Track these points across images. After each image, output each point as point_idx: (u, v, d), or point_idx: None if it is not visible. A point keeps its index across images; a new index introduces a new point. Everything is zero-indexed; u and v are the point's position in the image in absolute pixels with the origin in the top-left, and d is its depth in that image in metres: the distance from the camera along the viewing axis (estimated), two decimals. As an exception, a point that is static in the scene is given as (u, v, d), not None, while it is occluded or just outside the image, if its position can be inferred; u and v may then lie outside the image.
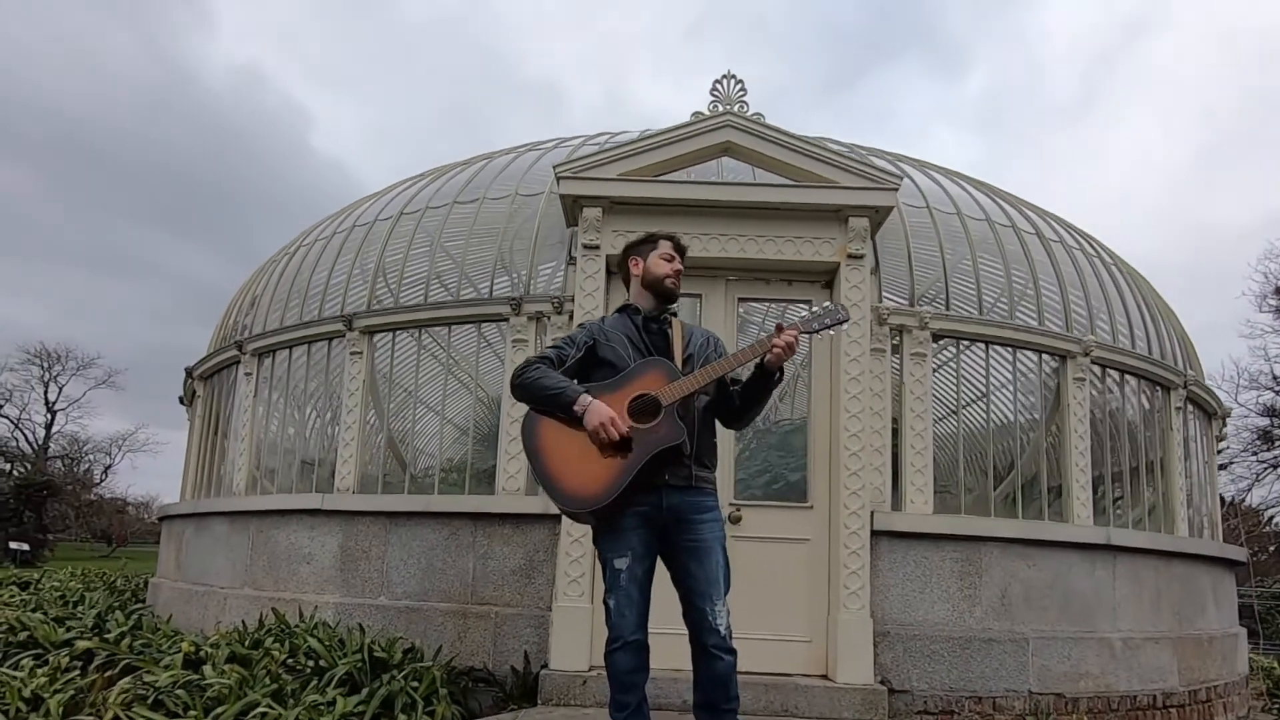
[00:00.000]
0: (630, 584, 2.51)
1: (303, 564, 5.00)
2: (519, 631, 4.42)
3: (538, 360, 2.66)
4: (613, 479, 2.45)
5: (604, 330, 2.75)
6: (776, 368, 2.56)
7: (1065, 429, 5.13)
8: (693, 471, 2.58)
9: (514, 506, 4.59)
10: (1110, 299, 5.75)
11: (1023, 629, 4.56)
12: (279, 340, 5.85)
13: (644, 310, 2.78)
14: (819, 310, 2.69)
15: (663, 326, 2.77)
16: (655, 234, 2.87)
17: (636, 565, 2.52)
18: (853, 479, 4.44)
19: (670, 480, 2.55)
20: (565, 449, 2.53)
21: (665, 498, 2.55)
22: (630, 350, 2.68)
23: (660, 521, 2.56)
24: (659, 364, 2.61)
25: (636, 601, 2.52)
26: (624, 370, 2.61)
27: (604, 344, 2.71)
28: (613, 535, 2.55)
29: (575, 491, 2.49)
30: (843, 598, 4.30)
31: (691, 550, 2.55)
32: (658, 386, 2.53)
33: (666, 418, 2.50)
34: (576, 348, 2.71)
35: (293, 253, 6.59)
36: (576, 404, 2.50)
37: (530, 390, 2.59)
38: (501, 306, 5.02)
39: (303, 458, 5.66)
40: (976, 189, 6.05)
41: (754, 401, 2.67)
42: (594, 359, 2.70)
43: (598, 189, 4.75)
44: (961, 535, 4.58)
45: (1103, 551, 4.89)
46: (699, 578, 2.54)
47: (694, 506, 2.58)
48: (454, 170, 6.39)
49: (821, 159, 4.80)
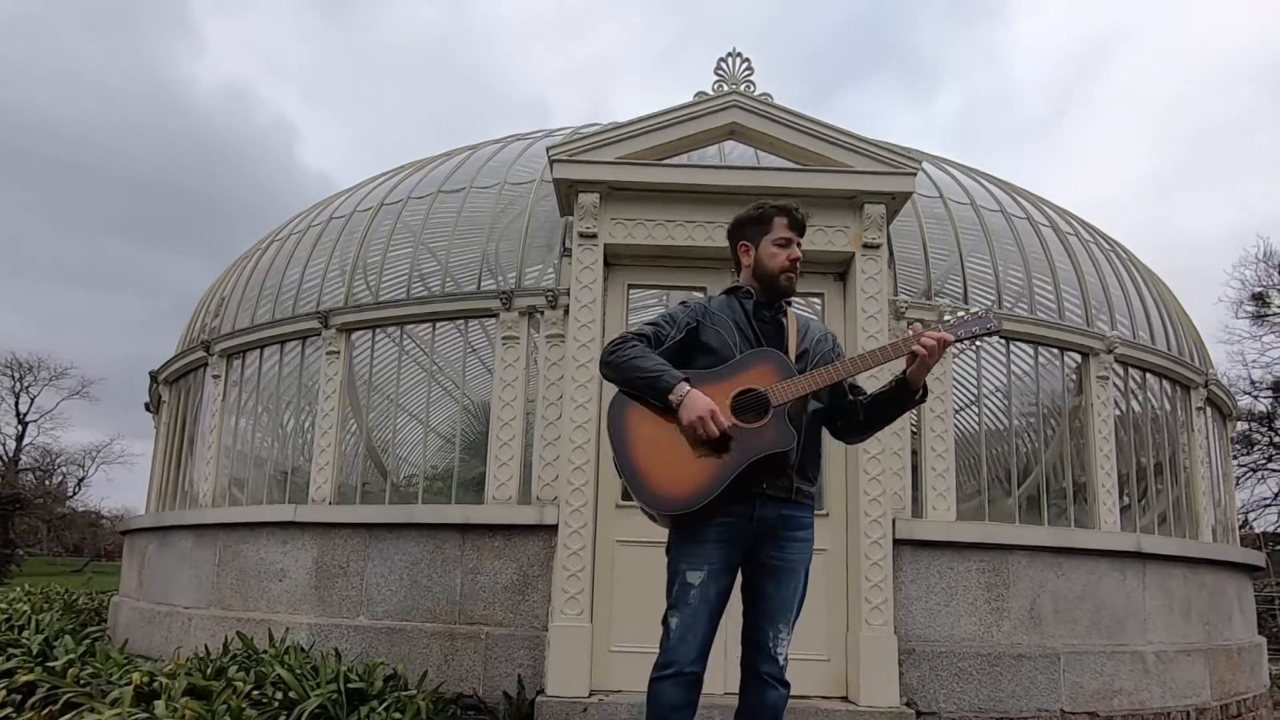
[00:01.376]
0: (701, 604, 2.16)
1: (274, 581, 4.59)
2: (512, 654, 4.04)
3: (635, 337, 2.30)
4: (705, 482, 2.12)
5: (709, 312, 2.39)
6: (920, 381, 2.23)
7: (1089, 430, 4.85)
8: (794, 483, 2.25)
9: (505, 517, 4.23)
10: (1129, 295, 5.50)
11: (1053, 643, 4.26)
12: (249, 340, 5.45)
13: (756, 295, 2.42)
14: (966, 316, 2.31)
15: (776, 315, 2.42)
16: (767, 208, 2.43)
17: (712, 583, 2.18)
18: (873, 484, 4.12)
19: (768, 490, 2.21)
20: (655, 441, 2.19)
21: (759, 509, 2.21)
22: (738, 338, 2.33)
23: (748, 535, 2.22)
24: (771, 356, 2.27)
25: (704, 625, 2.17)
26: (730, 359, 2.28)
27: (708, 327, 2.35)
28: (691, 544, 2.21)
29: (661, 491, 2.15)
30: (864, 612, 3.97)
31: (774, 570, 2.24)
32: (768, 382, 2.20)
33: (775, 419, 2.17)
34: (677, 328, 2.35)
35: (265, 249, 6.19)
36: (674, 391, 2.15)
37: (623, 370, 2.23)
38: (490, 301, 4.66)
39: (275, 467, 5.25)
40: (989, 182, 5.79)
41: (883, 418, 2.35)
42: (695, 343, 2.35)
43: (595, 173, 4.42)
44: (988, 544, 4.28)
45: (1132, 559, 4.61)
46: (773, 599, 2.22)
47: (789, 522, 2.25)
48: (437, 161, 6.03)
49: (835, 142, 4.50)
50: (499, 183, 5.30)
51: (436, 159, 6.07)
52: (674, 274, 4.68)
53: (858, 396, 2.37)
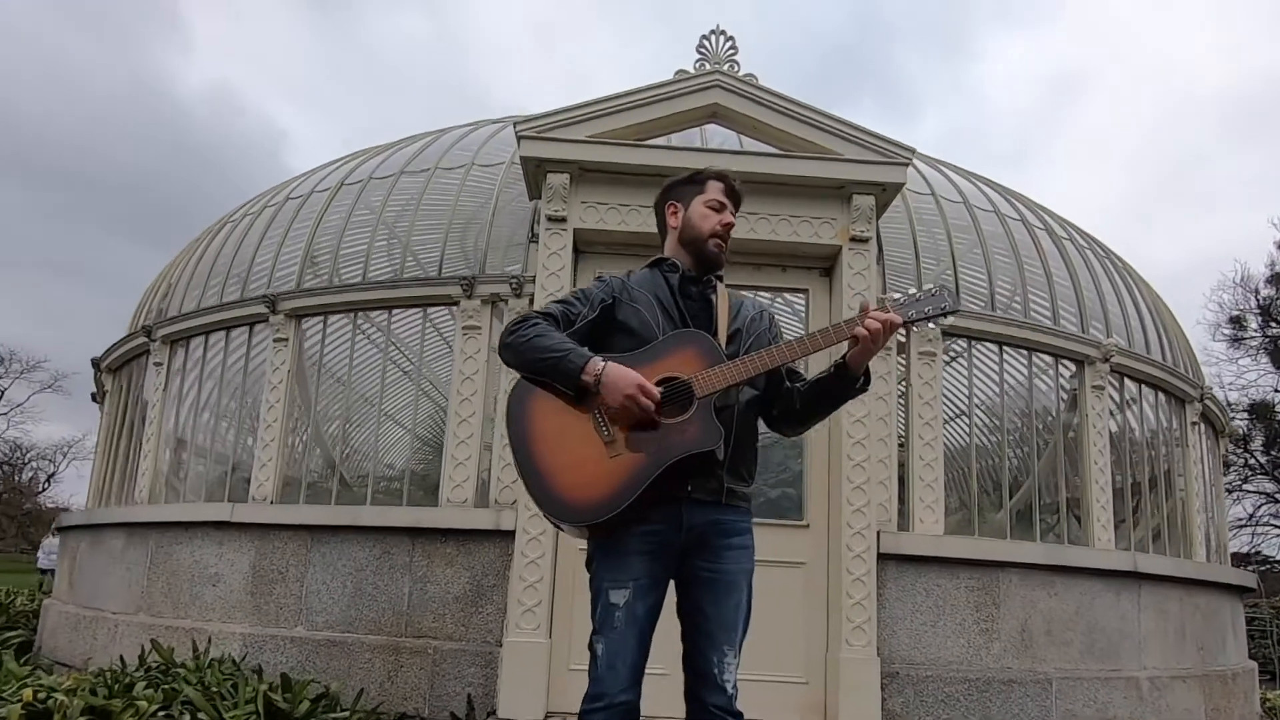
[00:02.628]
0: (628, 626, 1.84)
1: (208, 586, 4.22)
2: (461, 671, 3.70)
3: (538, 315, 1.96)
4: (621, 484, 1.80)
5: (628, 287, 2.04)
6: (861, 367, 1.92)
7: (1084, 442, 4.60)
8: (725, 484, 1.93)
9: (458, 521, 3.89)
10: (1125, 304, 5.27)
11: (1045, 668, 3.98)
12: (193, 325, 5.07)
13: (683, 268, 2.08)
14: (919, 294, 1.98)
15: (705, 291, 2.07)
16: (704, 172, 2.14)
17: (638, 602, 1.85)
18: (857, 494, 3.83)
19: (695, 493, 1.89)
20: (562, 437, 1.86)
21: (687, 515, 1.89)
22: (661, 317, 1.99)
23: (677, 545, 1.90)
24: (697, 339, 1.94)
25: (633, 650, 1.84)
26: (650, 342, 1.94)
27: (626, 304, 2.00)
28: (612, 559, 1.88)
29: (568, 497, 1.82)
30: (845, 632, 3.68)
31: (709, 583, 1.90)
32: (692, 369, 1.87)
33: (700, 413, 1.84)
34: (590, 306, 1.99)
35: (217, 231, 5.82)
36: (587, 370, 1.82)
37: (523, 352, 1.89)
38: (451, 287, 4.33)
39: (218, 462, 4.88)
40: (983, 183, 5.55)
41: (821, 408, 2.02)
42: (612, 323, 2.01)
43: (565, 151, 4.11)
44: (978, 560, 4.00)
45: (1128, 579, 4.35)
46: (712, 618, 1.89)
47: (723, 529, 1.92)
48: (404, 143, 5.69)
49: (824, 128, 4.23)
50: (466, 164, 4.98)
51: (403, 141, 5.74)
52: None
53: (795, 383, 2.05)
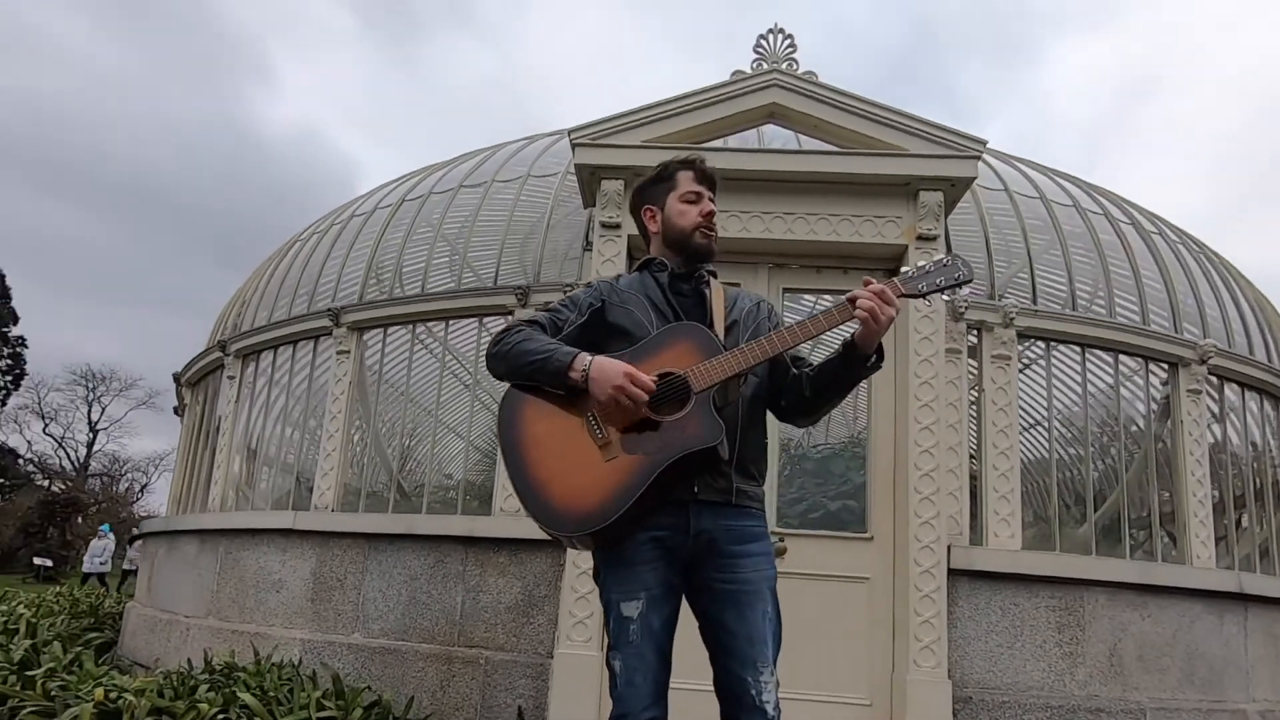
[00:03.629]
0: (644, 639, 1.74)
1: (271, 592, 4.30)
2: (513, 682, 3.65)
3: (524, 323, 1.92)
4: (617, 490, 1.69)
5: (616, 290, 1.99)
6: (871, 345, 1.77)
7: (1179, 451, 4.25)
8: (733, 483, 1.81)
9: (510, 530, 3.85)
10: (1223, 302, 4.87)
11: (1137, 696, 3.67)
12: (263, 340, 5.24)
13: (671, 266, 2.00)
14: (928, 265, 1.84)
15: (697, 286, 1.98)
16: (669, 165, 2.05)
17: (653, 613, 1.75)
18: (924, 505, 3.62)
19: (701, 495, 1.78)
20: (553, 442, 1.78)
21: (694, 519, 1.78)
22: (653, 316, 1.92)
23: (686, 551, 1.79)
24: (691, 332, 1.84)
25: (652, 665, 1.74)
26: (643, 339, 1.86)
27: (616, 306, 1.94)
28: (619, 570, 1.79)
29: (561, 505, 1.73)
30: (913, 652, 3.46)
31: (729, 596, 1.77)
32: (688, 363, 1.78)
33: (698, 408, 1.74)
34: (578, 310, 1.94)
35: (288, 249, 6.02)
36: (574, 366, 1.76)
37: (511, 360, 1.84)
38: (506, 297, 4.33)
39: (284, 471, 5.00)
40: (1060, 177, 5.25)
41: (833, 392, 1.88)
42: (602, 326, 1.94)
43: (619, 158, 4.06)
44: (1060, 578, 3.72)
45: (1231, 601, 3.98)
46: (738, 634, 1.76)
47: (734, 534, 1.80)
48: (462, 159, 5.78)
49: (888, 123, 4.06)
50: (522, 176, 5.00)
51: (461, 157, 5.82)
52: (704, 269, 4.27)
53: (803, 370, 1.92)
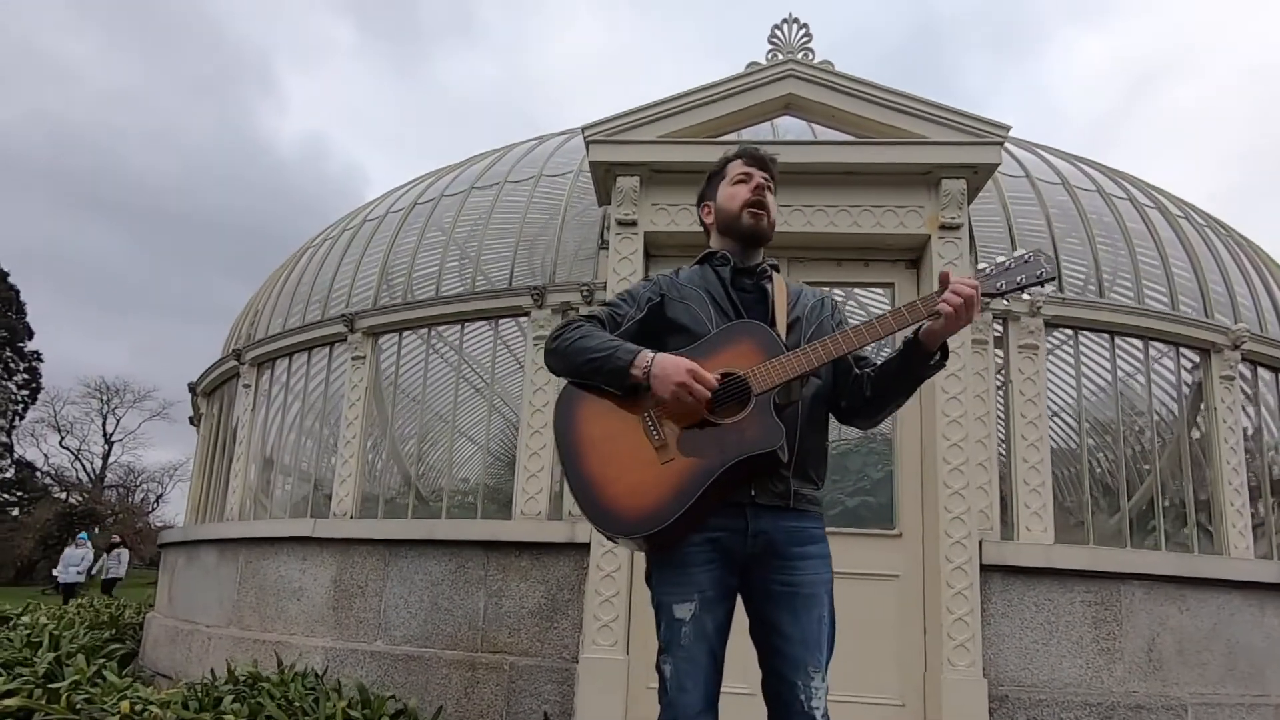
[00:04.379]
0: (696, 642, 1.68)
1: (292, 600, 4.27)
2: (538, 688, 3.59)
3: (583, 319, 1.86)
4: (674, 492, 1.64)
5: (676, 284, 1.91)
6: (939, 341, 1.70)
7: (1214, 439, 4.15)
8: (791, 487, 1.75)
9: (533, 534, 3.80)
10: (1254, 285, 4.76)
11: (1178, 692, 3.57)
12: (277, 347, 5.21)
13: (733, 259, 1.94)
14: (1007, 261, 1.74)
15: (759, 281, 1.92)
16: (722, 158, 2.02)
17: (706, 616, 1.69)
18: (955, 500, 3.54)
19: (759, 498, 1.72)
20: (612, 442, 1.72)
21: (752, 521, 1.72)
22: (713, 311, 1.85)
23: (743, 555, 1.73)
24: (753, 330, 1.78)
25: (704, 669, 1.68)
26: (702, 337, 1.80)
27: (675, 301, 1.88)
28: (673, 571, 1.73)
29: (617, 507, 1.67)
30: (946, 651, 3.38)
31: (785, 598, 1.72)
32: (749, 363, 1.72)
33: (757, 411, 1.68)
34: (637, 305, 1.87)
35: (299, 257, 6.00)
36: (635, 364, 1.69)
37: (570, 356, 1.78)
38: (522, 298, 4.28)
39: (301, 479, 4.97)
40: (1082, 162, 5.15)
41: (896, 391, 1.81)
42: (662, 321, 1.88)
43: (634, 154, 4.00)
44: (1095, 572, 3.63)
45: (1272, 592, 3.88)
46: (792, 637, 1.70)
47: (793, 536, 1.74)
48: (472, 161, 5.74)
49: (908, 110, 3.98)
50: (534, 176, 4.95)
51: (471, 159, 5.78)
52: (722, 265, 4.21)
53: (864, 370, 1.85)
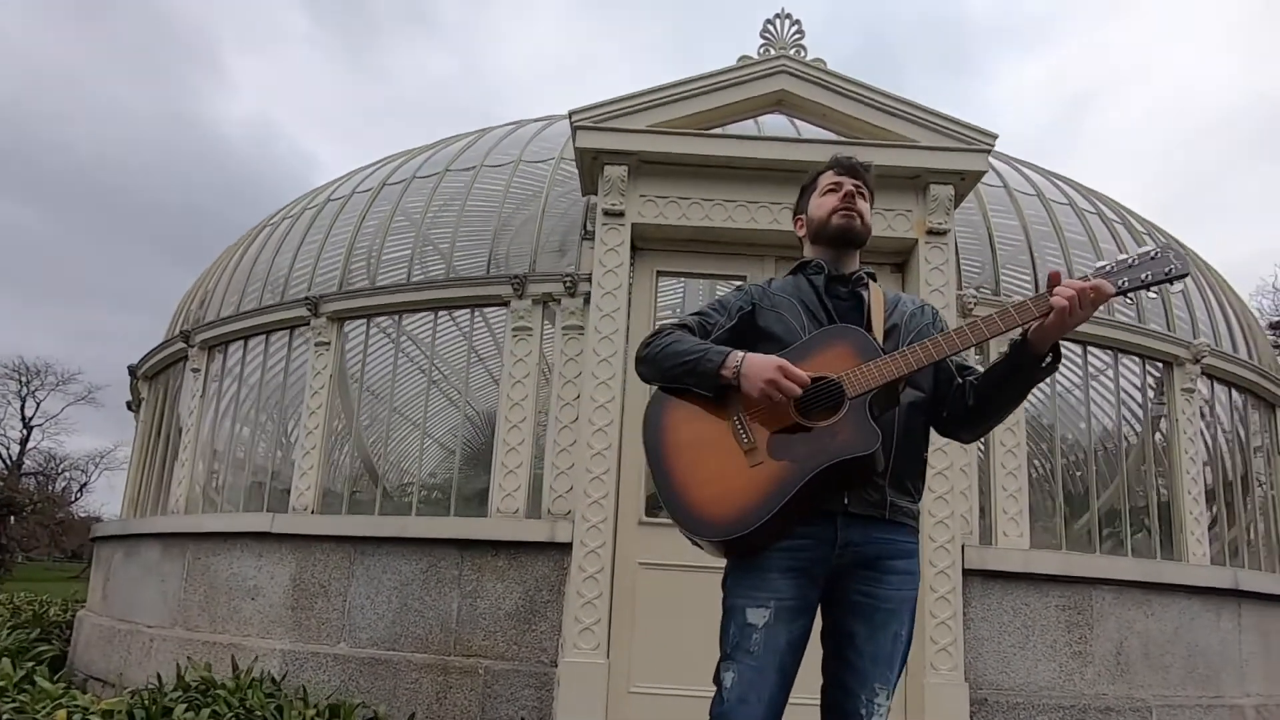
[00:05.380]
0: (767, 653, 1.59)
1: (246, 600, 4.03)
2: (515, 693, 3.47)
3: (674, 327, 1.81)
4: (764, 496, 1.58)
5: (768, 293, 1.87)
6: (1049, 342, 1.62)
7: (1175, 450, 4.28)
8: (887, 497, 1.68)
9: (511, 532, 3.67)
10: (1209, 303, 4.94)
11: (1143, 694, 3.67)
12: (232, 330, 4.92)
13: (828, 268, 1.86)
14: (1130, 258, 1.63)
15: (855, 288, 1.86)
16: (814, 172, 1.97)
17: (781, 626, 1.61)
18: (939, 504, 3.56)
19: (851, 507, 1.65)
20: (700, 447, 1.67)
21: (842, 531, 1.65)
22: (805, 320, 1.79)
23: (830, 565, 1.65)
24: (848, 334, 1.72)
25: (771, 683, 1.59)
26: (794, 344, 1.74)
27: (767, 310, 1.82)
28: (750, 574, 1.65)
29: (704, 510, 1.62)
30: (929, 655, 3.39)
31: (865, 610, 1.65)
32: (843, 367, 1.66)
33: (852, 415, 1.61)
34: (727, 314, 1.83)
35: (255, 235, 5.69)
36: (725, 365, 1.66)
37: (660, 362, 1.74)
38: (501, 287, 4.13)
39: (256, 471, 4.71)
40: (1054, 177, 5.25)
41: (1005, 399, 1.73)
42: (753, 330, 1.82)
43: (624, 142, 3.90)
44: (1069, 577, 3.70)
45: (1227, 597, 4.02)
46: (864, 651, 1.64)
47: (885, 548, 1.67)
48: (445, 143, 5.53)
49: (898, 113, 3.98)
50: (513, 160, 4.79)
51: (444, 141, 5.57)
52: (710, 260, 4.15)
53: (967, 378, 1.78)
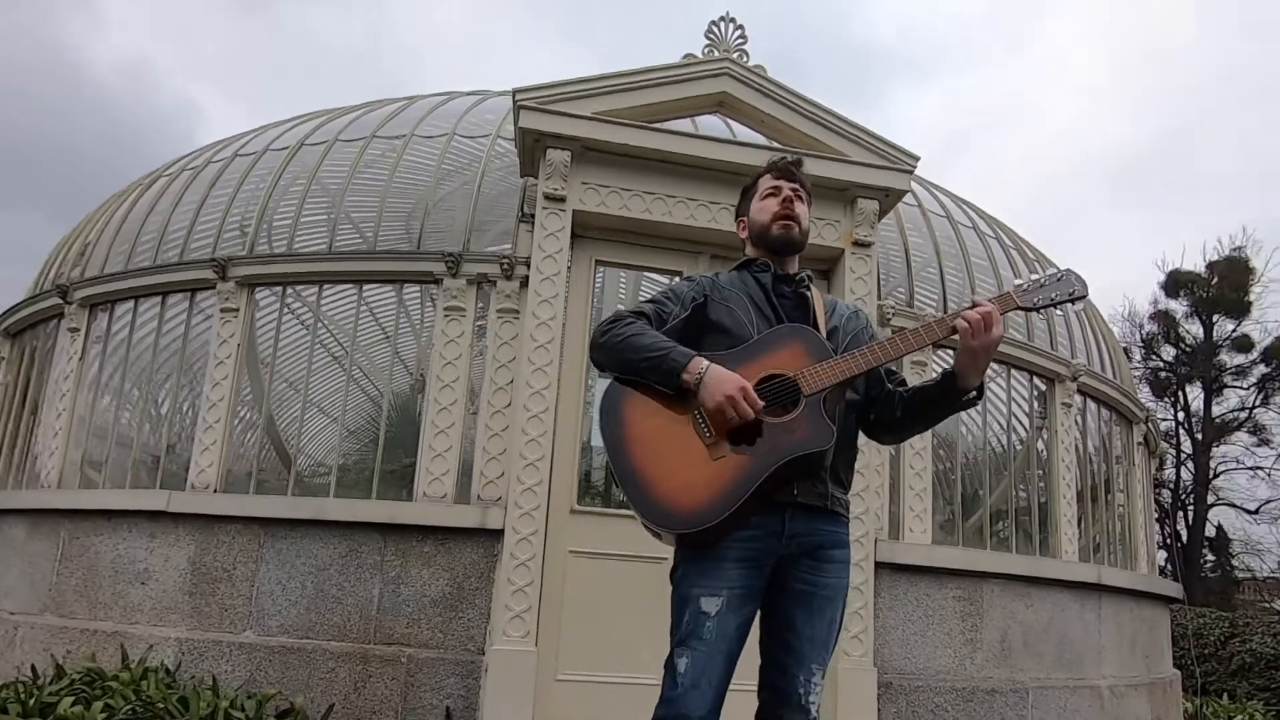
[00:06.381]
0: (719, 639, 1.67)
1: (135, 584, 3.72)
2: (439, 681, 3.39)
3: (631, 314, 1.84)
4: (727, 489, 1.65)
5: (718, 286, 1.93)
6: (971, 378, 1.76)
7: (1053, 459, 4.71)
8: (829, 489, 1.78)
9: (440, 518, 3.57)
10: (1084, 327, 5.46)
11: (1022, 677, 4.03)
12: (121, 289, 4.50)
13: (774, 267, 1.96)
14: (1041, 278, 1.85)
15: (799, 289, 1.95)
16: (754, 175, 2.07)
17: (732, 614, 1.68)
18: (856, 501, 3.74)
19: (800, 498, 1.74)
20: (661, 439, 1.72)
21: (789, 522, 1.73)
22: (755, 315, 1.87)
23: (776, 555, 1.73)
24: (801, 334, 1.81)
25: (720, 669, 1.67)
26: (744, 341, 1.81)
27: (717, 303, 1.89)
28: (705, 564, 1.72)
29: (669, 503, 1.67)
30: (843, 642, 3.58)
31: (804, 596, 1.75)
32: (798, 366, 1.74)
33: (809, 411, 1.70)
34: (681, 304, 1.88)
35: (148, 185, 5.22)
36: (688, 369, 1.70)
37: (619, 351, 1.78)
38: (434, 264, 3.99)
39: (145, 445, 4.34)
40: (960, 201, 5.62)
41: (925, 418, 1.90)
42: (704, 322, 1.88)
43: (569, 127, 3.85)
44: (965, 570, 4.01)
45: (1091, 591, 4.48)
46: (803, 635, 1.74)
47: (826, 538, 1.77)
48: (369, 107, 5.27)
49: (832, 127, 4.14)
50: (447, 133, 4.63)
51: (367, 105, 5.31)
52: (647, 254, 4.18)
53: (897, 386, 1.95)
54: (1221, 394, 18.51)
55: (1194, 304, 18.51)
